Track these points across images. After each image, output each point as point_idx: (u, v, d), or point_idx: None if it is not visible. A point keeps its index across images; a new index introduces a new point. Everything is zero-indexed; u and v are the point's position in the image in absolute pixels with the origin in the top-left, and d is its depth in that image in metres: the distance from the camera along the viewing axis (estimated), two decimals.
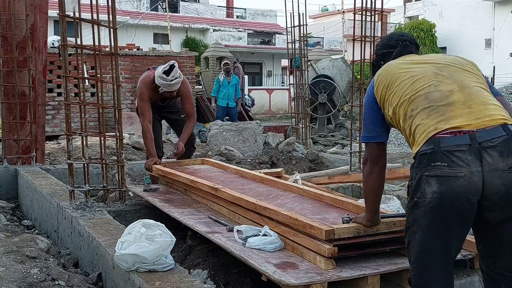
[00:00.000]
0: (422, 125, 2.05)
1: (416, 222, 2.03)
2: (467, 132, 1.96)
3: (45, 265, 2.97)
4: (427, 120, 2.04)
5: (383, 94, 2.27)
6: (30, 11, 5.67)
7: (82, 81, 4.16)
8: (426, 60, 2.32)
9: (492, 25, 29.58)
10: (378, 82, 2.31)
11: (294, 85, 9.17)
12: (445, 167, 1.93)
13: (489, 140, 1.94)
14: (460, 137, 1.95)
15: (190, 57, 13.52)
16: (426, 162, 1.98)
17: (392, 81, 2.25)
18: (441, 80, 2.14)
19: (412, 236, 2.06)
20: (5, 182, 5.51)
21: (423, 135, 2.02)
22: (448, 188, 1.93)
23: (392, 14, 39.79)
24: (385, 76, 2.30)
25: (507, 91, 12.72)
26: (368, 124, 2.37)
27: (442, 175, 1.94)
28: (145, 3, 30.73)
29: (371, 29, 5.38)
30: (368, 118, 2.38)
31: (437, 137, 1.98)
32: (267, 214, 2.99)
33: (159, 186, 4.54)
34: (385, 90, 2.27)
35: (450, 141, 1.96)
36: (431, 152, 1.97)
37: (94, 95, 11.21)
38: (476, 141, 1.94)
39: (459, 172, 1.92)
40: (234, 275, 2.94)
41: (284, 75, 30.48)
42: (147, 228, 2.52)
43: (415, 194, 2.02)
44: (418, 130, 2.06)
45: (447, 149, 1.95)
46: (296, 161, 6.92)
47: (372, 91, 2.34)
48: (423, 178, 1.98)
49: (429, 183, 1.96)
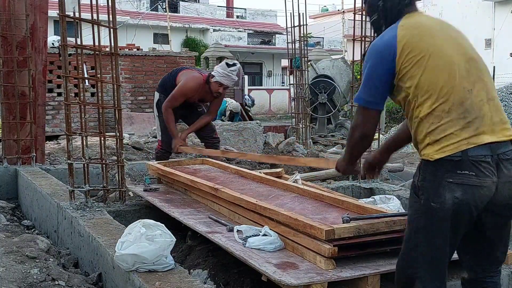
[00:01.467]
0: (456, 135, 1.98)
1: (429, 226, 2.01)
2: (488, 144, 1.98)
3: (45, 265, 2.97)
4: (461, 132, 1.98)
5: (407, 65, 2.03)
6: (30, 11, 5.67)
7: (82, 81, 4.16)
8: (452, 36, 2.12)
9: (492, 25, 29.58)
10: (403, 47, 2.03)
11: (294, 85, 9.18)
12: (472, 176, 1.94)
13: (505, 153, 1.99)
14: (484, 148, 1.97)
15: (190, 57, 13.53)
16: (450, 169, 1.96)
17: (424, 58, 2.02)
18: (472, 82, 2.05)
19: (424, 239, 2.04)
20: (5, 182, 5.51)
21: (454, 145, 1.97)
22: (470, 197, 1.94)
23: None
24: (415, 44, 2.03)
25: (507, 91, 12.72)
26: (373, 87, 2.11)
27: (469, 184, 1.94)
28: (145, 3, 30.74)
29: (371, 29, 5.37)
30: (374, 80, 2.10)
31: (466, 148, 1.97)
32: (267, 214, 2.99)
33: (159, 186, 4.54)
34: (412, 65, 2.02)
35: (477, 151, 1.96)
36: (458, 160, 1.95)
37: (94, 95, 11.22)
38: (496, 152, 1.97)
39: (485, 182, 1.94)
40: (234, 275, 2.94)
41: (284, 75, 30.49)
42: (147, 228, 2.52)
43: (432, 198, 1.99)
44: (448, 138, 1.98)
45: (475, 159, 1.95)
46: None
47: (393, 49, 2.04)
48: (444, 184, 1.96)
49: (451, 189, 1.95)
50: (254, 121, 9.30)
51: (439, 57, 2.03)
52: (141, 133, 10.84)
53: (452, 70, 2.03)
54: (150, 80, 12.94)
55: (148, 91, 12.95)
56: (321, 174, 5.68)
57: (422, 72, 2.01)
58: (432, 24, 2.13)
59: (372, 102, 2.13)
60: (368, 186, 4.91)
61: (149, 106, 12.93)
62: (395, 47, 2.04)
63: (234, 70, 5.06)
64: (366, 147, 2.33)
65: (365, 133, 2.19)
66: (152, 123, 12.12)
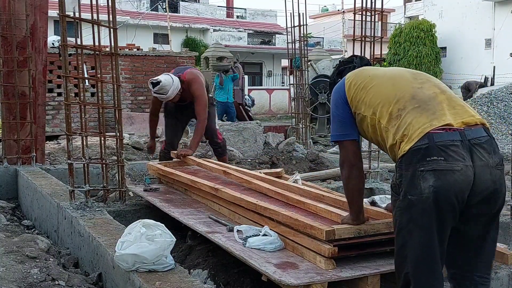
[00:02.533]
0: (416, 122, 2.06)
1: (412, 221, 2.02)
2: (457, 130, 2.01)
3: (45, 265, 2.97)
4: (420, 118, 2.06)
5: (355, 94, 2.30)
6: (30, 11, 5.67)
7: (82, 81, 4.16)
8: (398, 68, 2.45)
9: (492, 25, 29.58)
10: (350, 83, 2.34)
11: (294, 85, 9.16)
12: (441, 161, 1.96)
13: (477, 138, 2.02)
14: (452, 133, 2.00)
15: (190, 57, 13.51)
16: (420, 157, 1.99)
17: (367, 82, 2.29)
18: (421, 82, 2.22)
19: (408, 236, 2.04)
20: (5, 182, 5.51)
21: (418, 131, 2.03)
22: (444, 182, 1.94)
23: (392, 14, 39.79)
24: (358, 77, 2.35)
25: (507, 91, 12.70)
26: (338, 122, 2.38)
27: (439, 169, 1.95)
28: (145, 3, 30.73)
29: (371, 29, 5.37)
30: (337, 117, 2.38)
31: (431, 133, 2.00)
32: (267, 214, 2.99)
33: (159, 186, 4.54)
34: (358, 91, 2.30)
35: (444, 136, 1.99)
36: (426, 147, 1.99)
37: (94, 95, 11.21)
38: (466, 138, 2.00)
39: (456, 165, 1.95)
40: (234, 275, 2.94)
41: (284, 75, 30.48)
42: (147, 228, 2.52)
43: (409, 191, 2.01)
44: (411, 127, 2.06)
45: (442, 143, 1.98)
46: (296, 161, 6.91)
47: (342, 92, 2.36)
48: (417, 174, 1.98)
49: (424, 178, 1.96)
50: (254, 121, 9.29)
51: (381, 76, 2.30)
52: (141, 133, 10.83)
53: (396, 80, 2.24)
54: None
55: (148, 91, 12.89)
56: (321, 174, 5.69)
57: (368, 91, 2.26)
58: (375, 67, 2.52)
59: (343, 135, 2.36)
60: (368, 186, 4.90)
61: (149, 106, 12.91)
62: (343, 85, 2.38)
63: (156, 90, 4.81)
64: (361, 179, 2.42)
65: (350, 162, 2.37)
66: None
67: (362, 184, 2.46)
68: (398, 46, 28.96)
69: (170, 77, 4.86)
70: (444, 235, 2.03)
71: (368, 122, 2.26)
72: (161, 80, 4.78)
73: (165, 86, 4.79)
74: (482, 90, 16.64)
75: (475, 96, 14.24)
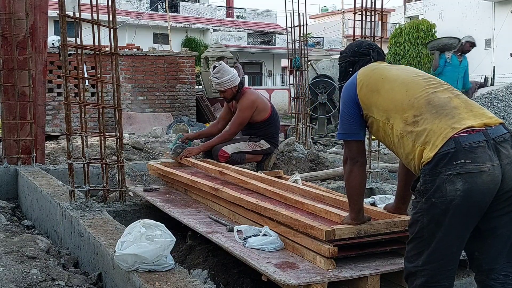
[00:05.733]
0: (437, 128, 2.05)
1: (433, 221, 2.02)
2: (480, 130, 2.01)
3: (45, 265, 2.97)
4: (440, 123, 2.05)
5: (368, 97, 2.29)
6: (30, 11, 5.67)
7: (82, 81, 4.15)
8: (408, 69, 2.41)
9: (492, 25, 29.57)
10: (362, 84, 2.33)
11: (294, 85, 9.16)
12: (469, 164, 1.95)
13: (500, 136, 2.02)
14: (476, 135, 2.00)
15: (190, 57, 13.51)
16: (447, 162, 1.98)
17: (380, 85, 2.27)
18: (435, 87, 2.21)
19: (428, 234, 2.04)
20: (5, 182, 5.51)
21: (441, 137, 2.01)
22: (473, 185, 1.94)
23: (392, 14, 39.83)
24: (370, 78, 2.33)
25: (507, 91, 12.70)
26: (346, 122, 2.38)
27: (467, 172, 1.94)
28: (145, 3, 30.74)
29: (371, 29, 5.37)
30: (346, 116, 2.38)
31: (456, 137, 2.00)
32: (268, 215, 2.99)
33: (159, 186, 4.54)
34: (370, 94, 2.29)
35: (470, 138, 1.99)
36: (454, 151, 1.97)
37: (94, 95, 11.22)
38: (490, 137, 2.00)
39: (484, 167, 1.95)
40: (234, 275, 2.94)
41: (284, 75, 30.51)
42: (147, 228, 2.52)
43: (433, 195, 2.00)
44: (432, 134, 2.05)
45: (469, 146, 1.97)
46: (296, 161, 6.90)
47: (354, 91, 2.35)
48: (445, 178, 1.97)
49: (451, 181, 1.96)
50: None
51: (394, 80, 2.26)
52: (141, 133, 10.84)
53: (409, 86, 2.22)
54: (150, 80, 12.92)
55: (148, 91, 12.94)
56: (321, 174, 5.68)
57: (380, 95, 2.24)
58: (387, 65, 2.42)
59: (350, 135, 2.38)
60: (368, 186, 4.90)
61: (149, 106, 12.93)
62: (355, 84, 2.36)
63: (214, 73, 5.05)
64: (363, 176, 2.43)
65: (353, 158, 2.38)
66: (152, 123, 12.13)
67: (363, 181, 2.47)
68: (398, 46, 28.94)
69: (233, 70, 5.12)
70: (466, 235, 2.05)
71: (380, 126, 2.26)
72: (223, 64, 5.04)
73: (224, 71, 5.01)
74: (482, 90, 16.62)
75: (475, 96, 14.23)
